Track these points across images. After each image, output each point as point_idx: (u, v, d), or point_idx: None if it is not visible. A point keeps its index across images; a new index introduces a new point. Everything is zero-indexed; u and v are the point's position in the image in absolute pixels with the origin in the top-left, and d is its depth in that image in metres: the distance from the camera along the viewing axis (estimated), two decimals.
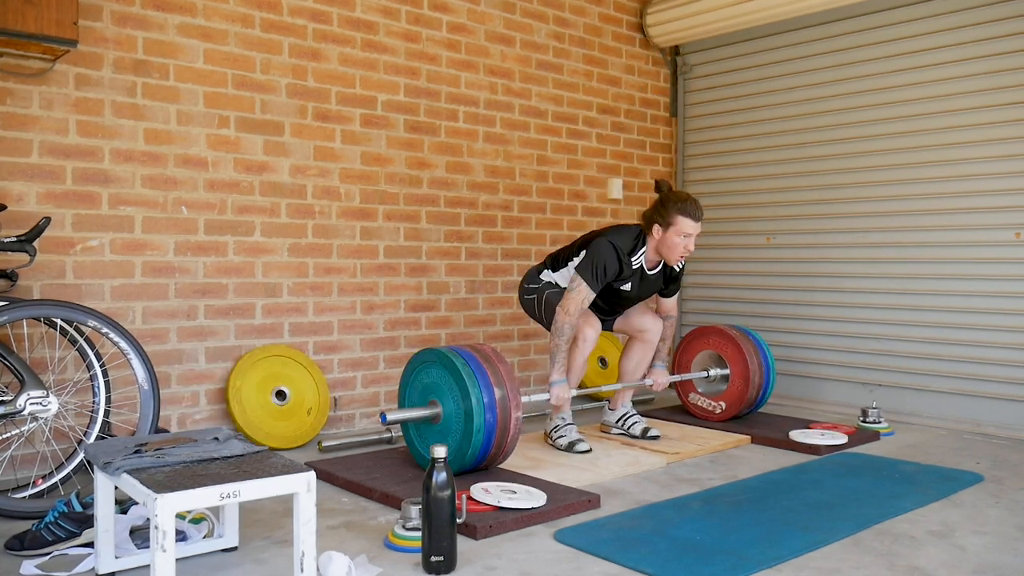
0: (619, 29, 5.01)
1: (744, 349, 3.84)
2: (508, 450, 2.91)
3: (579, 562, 2.20)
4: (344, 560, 2.00)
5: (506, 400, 2.83)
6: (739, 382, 3.85)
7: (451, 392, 2.84)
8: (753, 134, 4.87)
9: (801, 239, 4.65)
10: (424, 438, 2.98)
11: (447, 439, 2.85)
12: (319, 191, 3.79)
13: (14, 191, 3.03)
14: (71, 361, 3.09)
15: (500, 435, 2.82)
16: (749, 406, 3.90)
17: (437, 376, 2.90)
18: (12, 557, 2.22)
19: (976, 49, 3.94)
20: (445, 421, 2.86)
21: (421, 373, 2.98)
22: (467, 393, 2.77)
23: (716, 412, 3.93)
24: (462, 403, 2.79)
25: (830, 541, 2.34)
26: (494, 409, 2.79)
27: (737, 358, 3.86)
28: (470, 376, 2.79)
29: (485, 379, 2.81)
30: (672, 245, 3.24)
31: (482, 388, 2.79)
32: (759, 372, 3.84)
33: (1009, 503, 2.73)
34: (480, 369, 2.83)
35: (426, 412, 2.90)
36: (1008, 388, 3.86)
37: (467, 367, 2.82)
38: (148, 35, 3.31)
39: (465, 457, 2.80)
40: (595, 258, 3.22)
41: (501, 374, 2.86)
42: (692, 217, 3.22)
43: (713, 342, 3.97)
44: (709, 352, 4.00)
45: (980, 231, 3.96)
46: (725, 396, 3.91)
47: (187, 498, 1.81)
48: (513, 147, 4.50)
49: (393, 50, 4.01)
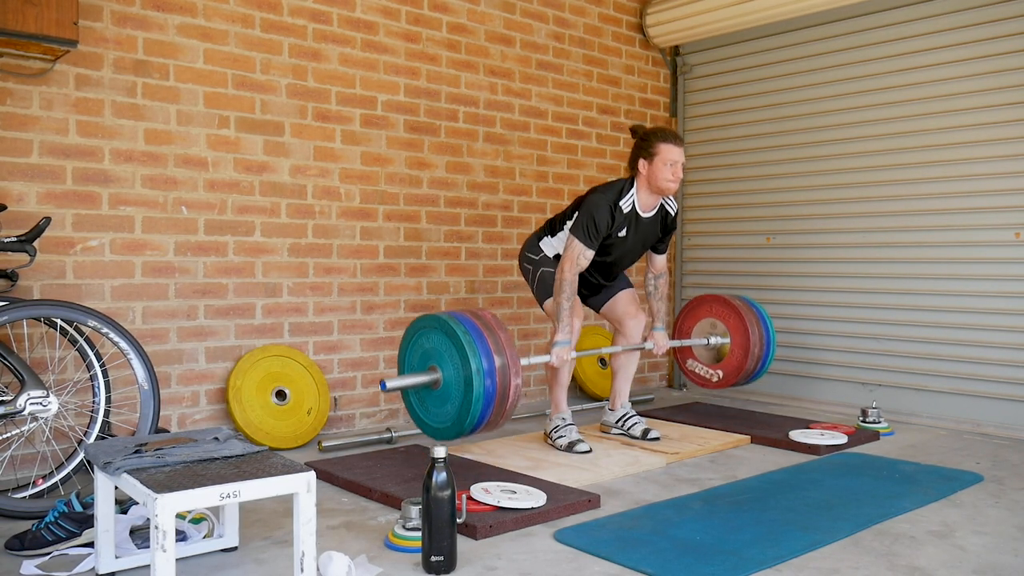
0: (619, 29, 5.01)
1: (746, 319, 3.79)
2: (507, 415, 2.88)
3: (579, 562, 2.20)
4: (344, 560, 2.00)
5: (505, 366, 2.80)
6: (738, 352, 3.81)
7: (451, 358, 2.81)
8: (753, 134, 4.87)
9: (801, 239, 4.65)
10: (424, 404, 2.96)
11: (446, 405, 2.83)
12: (319, 191, 3.79)
13: (14, 191, 3.03)
14: (71, 361, 3.09)
15: (499, 401, 2.80)
16: (747, 376, 3.87)
17: (437, 342, 2.87)
18: (12, 557, 2.22)
19: (976, 49, 3.94)
20: (445, 387, 2.85)
21: (421, 338, 2.95)
22: (467, 359, 2.74)
23: (713, 380, 3.90)
24: (462, 369, 2.77)
25: (830, 541, 2.34)
26: (493, 375, 2.76)
27: (738, 328, 3.82)
28: (469, 342, 2.76)
29: (485, 345, 2.79)
30: (661, 174, 3.25)
31: (482, 354, 2.76)
32: (759, 344, 3.80)
33: (1009, 503, 2.73)
34: (480, 335, 2.80)
35: (426, 378, 2.88)
36: (1008, 388, 3.86)
37: (467, 333, 2.79)
38: (148, 35, 3.31)
39: (464, 423, 2.78)
40: (586, 214, 3.25)
41: (501, 340, 2.83)
42: (674, 143, 3.26)
43: (715, 310, 3.93)
44: (711, 320, 3.96)
45: (980, 231, 3.96)
46: (723, 365, 3.88)
47: (187, 498, 1.81)
48: (513, 147, 4.50)
49: (393, 50, 4.01)
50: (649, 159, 3.26)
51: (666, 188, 3.29)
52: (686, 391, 5.17)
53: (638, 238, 3.40)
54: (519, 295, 4.55)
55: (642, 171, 3.29)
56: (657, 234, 3.47)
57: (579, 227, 3.25)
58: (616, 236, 3.32)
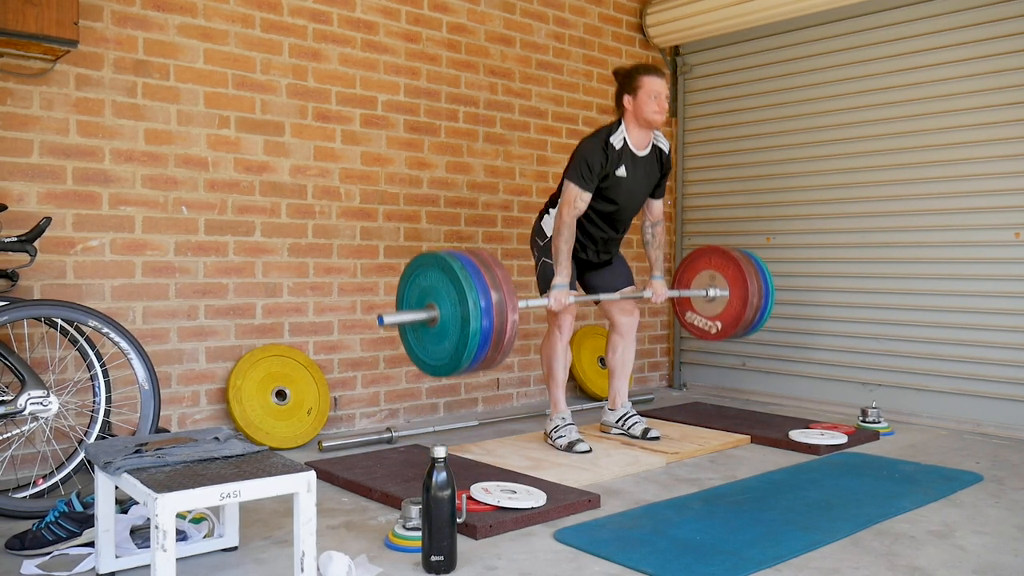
0: (619, 29, 5.01)
1: (745, 271, 3.77)
2: (504, 352, 2.85)
3: (579, 562, 2.20)
4: (344, 560, 2.00)
5: (503, 303, 2.76)
6: (737, 303, 3.79)
7: (448, 295, 2.78)
8: (753, 134, 4.87)
9: (801, 239, 4.65)
10: (421, 342, 2.93)
11: (444, 342, 2.81)
12: (319, 191, 3.79)
13: (15, 191, 3.03)
14: (71, 361, 3.09)
15: (496, 338, 2.77)
16: (746, 327, 3.83)
17: (435, 279, 2.83)
18: (13, 557, 2.23)
19: (976, 49, 3.94)
20: (442, 324, 2.81)
21: (419, 276, 2.92)
22: (464, 296, 2.71)
23: (711, 332, 3.88)
24: (459, 306, 2.74)
25: (830, 541, 2.34)
26: (491, 312, 2.73)
27: (737, 279, 3.79)
28: (467, 279, 2.73)
29: (482, 282, 2.75)
30: (646, 107, 3.30)
31: (479, 291, 2.72)
32: (758, 294, 3.78)
33: (1009, 503, 2.73)
34: (477, 272, 2.77)
35: (423, 315, 2.85)
36: (1008, 388, 3.87)
37: (464, 270, 2.75)
38: (148, 35, 3.31)
39: (461, 360, 2.75)
40: (578, 158, 3.30)
41: (498, 277, 2.80)
42: (655, 75, 3.33)
43: (714, 262, 3.90)
44: (709, 272, 3.93)
45: (980, 231, 3.96)
46: (722, 316, 3.86)
47: (187, 498, 1.81)
48: (513, 147, 4.50)
49: (393, 50, 4.01)
50: (633, 94, 3.32)
51: (653, 120, 3.33)
52: (686, 391, 5.18)
53: (639, 178, 3.40)
54: (519, 295, 4.54)
55: (628, 107, 3.35)
56: (656, 175, 3.49)
57: (573, 171, 3.28)
58: (615, 176, 3.33)
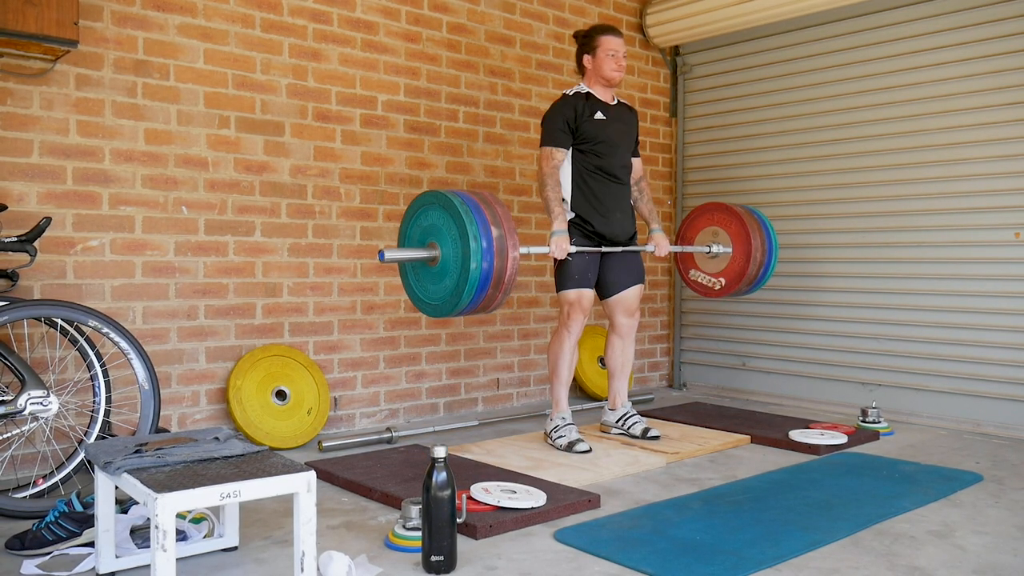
0: (619, 29, 5.01)
1: (748, 225, 3.75)
2: (505, 291, 2.83)
3: (579, 562, 2.20)
4: (344, 560, 2.01)
5: (503, 240, 2.75)
6: (740, 258, 3.77)
7: (449, 233, 2.77)
8: (753, 134, 4.87)
9: (801, 239, 4.65)
10: (422, 281, 2.92)
11: (444, 280, 2.80)
12: (319, 191, 3.79)
13: (15, 191, 3.03)
14: (72, 361, 3.09)
15: (497, 276, 2.76)
16: (749, 284, 3.82)
17: (436, 218, 2.83)
18: (13, 557, 2.23)
19: (976, 49, 3.95)
20: (443, 263, 2.81)
21: (420, 216, 2.91)
22: (465, 234, 2.69)
23: (715, 288, 3.86)
24: (460, 244, 2.72)
25: (830, 541, 2.34)
26: (491, 251, 2.71)
27: (740, 234, 3.77)
28: (468, 216, 2.71)
29: (483, 219, 2.74)
30: (605, 65, 3.41)
31: (480, 228, 2.71)
32: (761, 249, 3.76)
33: (1009, 503, 2.73)
34: (478, 208, 2.76)
35: (424, 253, 2.84)
36: (1008, 388, 3.87)
37: (465, 206, 2.74)
38: (148, 35, 3.31)
39: (462, 297, 2.74)
40: (550, 115, 3.40)
41: (499, 214, 2.79)
42: (612, 34, 3.44)
43: (717, 218, 3.89)
44: (713, 228, 3.91)
45: (980, 231, 3.96)
46: (725, 272, 3.84)
47: (187, 498, 1.81)
48: (513, 147, 4.50)
49: (393, 50, 4.01)
50: (592, 53, 3.44)
51: (611, 77, 3.42)
52: (686, 391, 5.18)
53: (617, 124, 3.46)
54: (519, 295, 4.55)
55: (588, 66, 3.47)
56: (631, 124, 3.55)
57: (544, 137, 3.38)
58: (594, 120, 3.39)
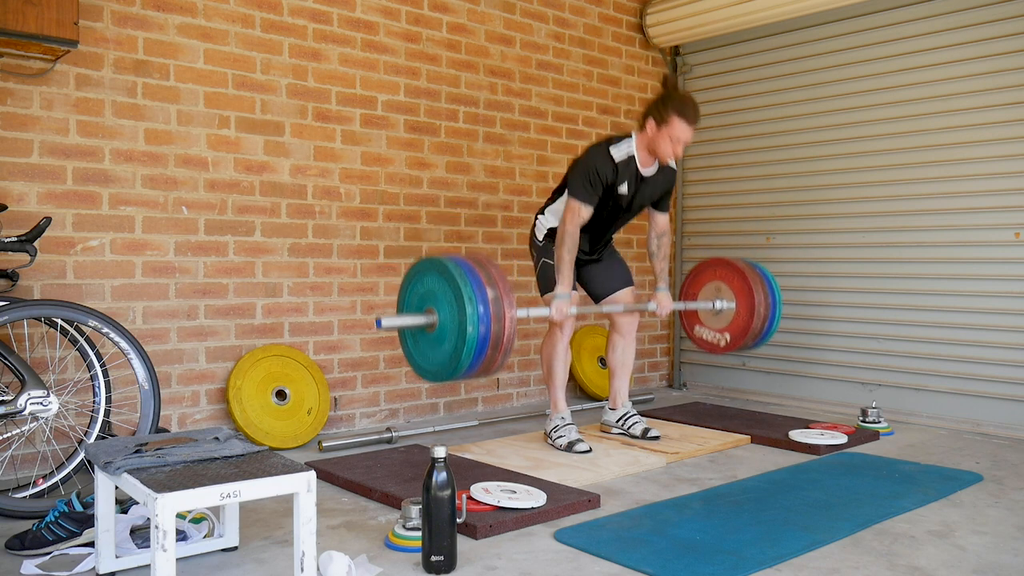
0: (619, 29, 5.01)
1: (750, 280, 3.76)
2: (505, 354, 2.81)
3: (579, 562, 2.20)
4: (344, 560, 2.01)
5: (499, 303, 2.72)
6: (744, 313, 3.78)
7: (446, 299, 2.76)
8: (753, 134, 4.87)
9: (801, 239, 4.65)
10: (420, 347, 2.91)
11: (442, 345, 2.79)
12: (319, 191, 3.79)
13: (15, 191, 3.03)
14: (72, 361, 3.09)
15: (495, 340, 2.73)
16: (755, 338, 3.82)
17: (433, 284, 2.81)
18: (13, 557, 2.23)
19: (976, 49, 3.94)
20: (441, 328, 2.79)
21: (417, 283, 2.90)
22: (461, 299, 2.68)
23: (720, 344, 3.86)
24: (457, 310, 2.71)
25: (830, 541, 2.34)
26: (488, 315, 2.69)
27: (743, 289, 3.78)
28: (464, 281, 2.69)
29: (479, 284, 2.72)
30: (663, 145, 3.22)
31: (476, 293, 2.70)
32: (765, 303, 3.76)
33: (1009, 503, 2.73)
34: (473, 273, 2.74)
35: (421, 319, 2.81)
36: (1008, 388, 3.86)
37: (461, 271, 2.73)
38: (148, 35, 3.31)
39: (460, 361, 2.73)
40: (584, 166, 3.24)
41: (494, 277, 2.77)
42: (687, 119, 3.17)
43: (720, 273, 3.89)
44: (716, 283, 3.92)
45: (980, 231, 3.96)
46: (730, 328, 3.84)
47: (187, 498, 1.81)
48: (513, 147, 4.50)
49: (393, 50, 4.01)
50: (659, 124, 3.20)
51: (664, 159, 3.27)
52: (686, 391, 5.18)
53: (640, 194, 3.38)
54: (519, 295, 4.54)
55: (649, 131, 3.24)
56: (659, 190, 3.45)
57: (578, 183, 3.23)
58: (616, 192, 3.30)
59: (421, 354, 2.89)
